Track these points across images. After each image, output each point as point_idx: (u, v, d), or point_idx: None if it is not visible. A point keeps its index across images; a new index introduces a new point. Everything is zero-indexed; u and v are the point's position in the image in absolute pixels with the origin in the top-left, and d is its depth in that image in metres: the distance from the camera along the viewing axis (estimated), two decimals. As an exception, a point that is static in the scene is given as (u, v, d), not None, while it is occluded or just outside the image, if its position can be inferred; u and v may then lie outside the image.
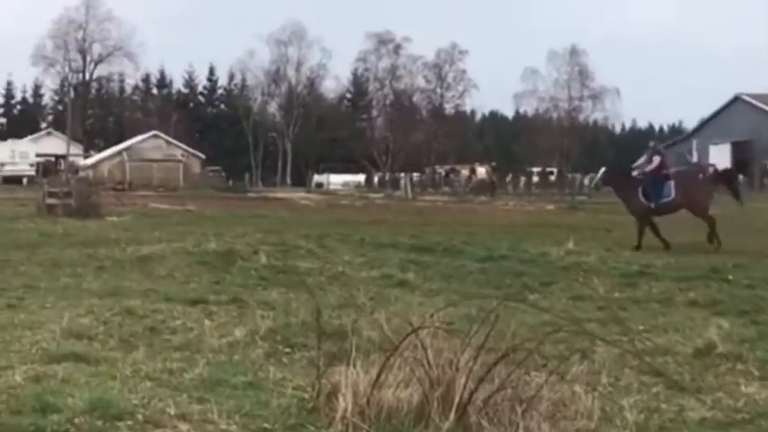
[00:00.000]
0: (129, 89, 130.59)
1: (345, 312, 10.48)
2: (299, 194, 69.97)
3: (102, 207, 34.95)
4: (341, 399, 6.50)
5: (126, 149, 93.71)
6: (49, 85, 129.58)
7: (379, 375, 6.61)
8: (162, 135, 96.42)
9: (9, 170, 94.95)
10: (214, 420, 6.39)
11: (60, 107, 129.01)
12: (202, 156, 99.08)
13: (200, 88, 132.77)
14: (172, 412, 6.45)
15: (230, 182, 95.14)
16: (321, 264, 17.04)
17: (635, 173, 26.99)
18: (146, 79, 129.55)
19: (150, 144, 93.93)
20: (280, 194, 69.48)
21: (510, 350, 6.57)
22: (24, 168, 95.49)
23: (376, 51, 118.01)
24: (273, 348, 9.03)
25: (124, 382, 7.27)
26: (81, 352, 8.24)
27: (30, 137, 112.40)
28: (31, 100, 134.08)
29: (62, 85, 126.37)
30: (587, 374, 7.32)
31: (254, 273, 15.65)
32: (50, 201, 34.39)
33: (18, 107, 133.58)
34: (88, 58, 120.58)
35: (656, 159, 25.59)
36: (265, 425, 6.42)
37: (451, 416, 6.32)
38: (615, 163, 29.22)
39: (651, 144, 27.81)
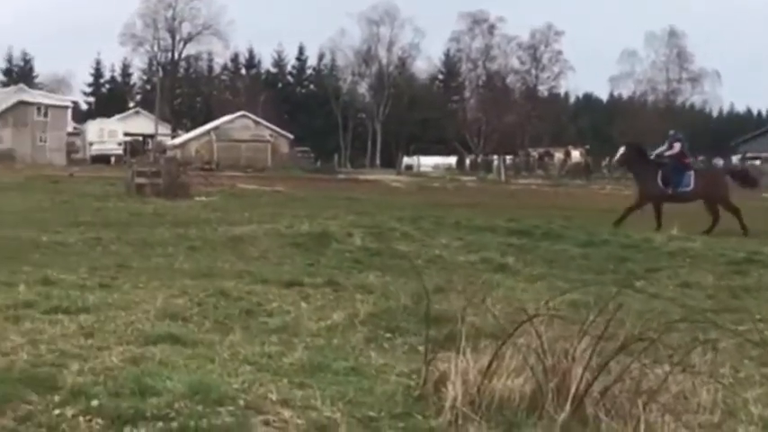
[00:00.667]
0: (217, 69, 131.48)
1: (446, 297, 10.29)
2: (389, 176, 69.93)
3: (191, 187, 35.13)
4: (450, 387, 6.29)
5: (214, 129, 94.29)
6: (138, 65, 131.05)
7: (490, 363, 6.39)
8: (250, 115, 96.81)
9: (97, 149, 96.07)
10: (317, 407, 6.21)
11: (148, 87, 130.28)
12: (291, 136, 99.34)
13: (288, 68, 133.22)
14: (273, 398, 6.29)
15: (318, 163, 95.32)
16: (417, 247, 16.92)
17: (652, 157, 27.12)
18: (234, 59, 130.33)
19: (238, 124, 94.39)
20: (369, 176, 69.50)
21: (632, 340, 6.32)
22: (112, 147, 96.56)
23: (470, 31, 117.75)
24: (374, 333, 8.86)
25: (223, 365, 7.12)
26: (177, 333, 8.12)
27: (118, 116, 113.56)
28: (119, 79, 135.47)
29: (150, 65, 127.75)
30: (708, 365, 7.04)
31: (349, 255, 15.56)
32: (139, 180, 34.70)
33: (106, 86, 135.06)
34: (177, 38, 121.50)
35: (677, 146, 26.03)
36: (371, 413, 6.23)
37: (567, 407, 6.11)
38: (635, 144, 29.18)
39: (671, 132, 27.95)
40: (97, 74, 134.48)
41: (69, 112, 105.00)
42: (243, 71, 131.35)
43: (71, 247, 16.03)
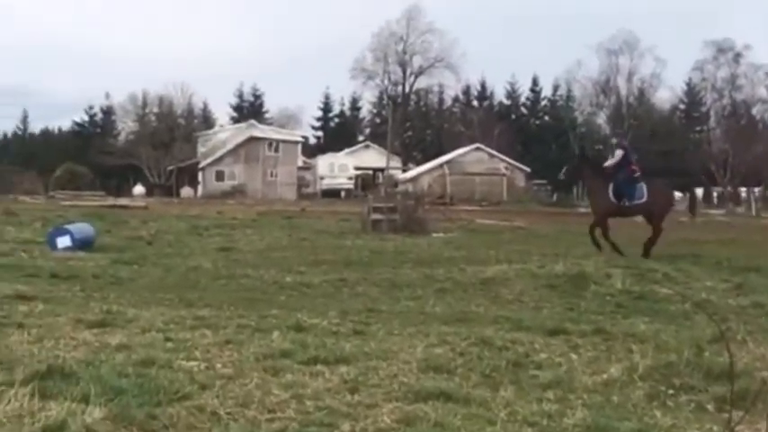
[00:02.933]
0: (448, 101, 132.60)
1: (723, 347, 9.67)
2: (631, 211, 68.53)
3: (428, 223, 35.11)
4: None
5: (447, 162, 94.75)
6: (368, 98, 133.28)
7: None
8: (485, 148, 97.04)
9: (327, 183, 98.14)
10: (614, 478, 5.78)
11: (378, 120, 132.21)
12: (527, 169, 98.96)
13: (522, 99, 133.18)
14: (566, 467, 5.88)
15: (555, 196, 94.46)
16: (681, 289, 16.29)
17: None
18: (466, 91, 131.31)
19: (472, 157, 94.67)
20: (610, 210, 68.25)
21: None
22: (342, 182, 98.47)
23: (714, 60, 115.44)
24: (655, 389, 8.32)
25: (504, 427, 6.75)
26: (445, 389, 7.78)
27: (347, 150, 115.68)
28: (348, 113, 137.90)
29: (380, 98, 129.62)
30: None
31: (610, 299, 15.10)
32: (375, 216, 34.80)
33: (335, 120, 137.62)
34: (408, 71, 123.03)
35: (618, 153, 25.17)
36: (676, 485, 5.76)
37: None
38: (586, 155, 28.21)
39: (614, 141, 27.26)
40: (326, 108, 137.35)
41: (299, 146, 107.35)
42: (475, 103, 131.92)
43: (317, 289, 16.08)
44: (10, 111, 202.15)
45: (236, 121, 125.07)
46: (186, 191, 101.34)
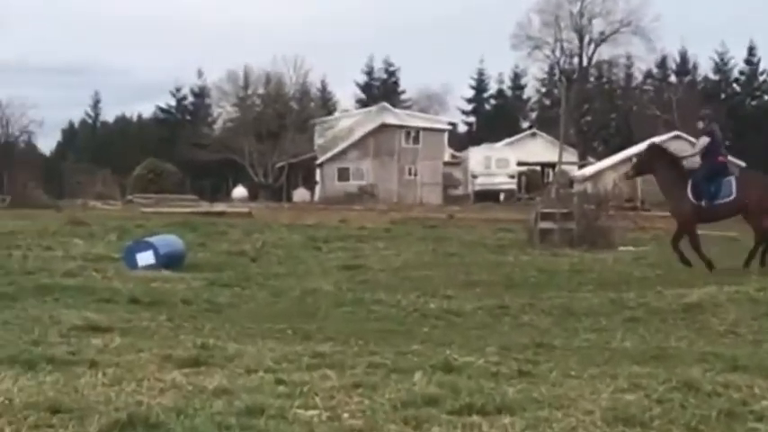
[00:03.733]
0: (639, 76, 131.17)
1: None
2: None
3: (614, 233, 34.89)
4: None
5: (637, 155, 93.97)
6: (534, 74, 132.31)
7: None
8: (686, 136, 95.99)
9: (482, 183, 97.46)
10: None
11: (547, 102, 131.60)
12: (741, 163, 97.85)
13: (735, 74, 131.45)
14: None
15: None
16: None
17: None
18: (662, 64, 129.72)
19: (671, 148, 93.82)
20: None
21: None
22: (501, 181, 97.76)
23: None
24: None
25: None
26: (637, 443, 7.76)
27: (507, 140, 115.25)
28: (508, 93, 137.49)
29: (551, 74, 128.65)
30: None
31: None
32: (544, 225, 34.69)
33: (491, 102, 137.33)
34: (586, 38, 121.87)
35: (704, 140, 24.80)
36: None
37: None
38: (657, 145, 27.50)
39: (700, 126, 25.80)
40: (480, 87, 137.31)
41: (446, 136, 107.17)
42: (673, 79, 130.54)
43: (469, 318, 16.15)
44: (78, 94, 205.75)
45: (363, 104, 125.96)
46: (300, 193, 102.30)
